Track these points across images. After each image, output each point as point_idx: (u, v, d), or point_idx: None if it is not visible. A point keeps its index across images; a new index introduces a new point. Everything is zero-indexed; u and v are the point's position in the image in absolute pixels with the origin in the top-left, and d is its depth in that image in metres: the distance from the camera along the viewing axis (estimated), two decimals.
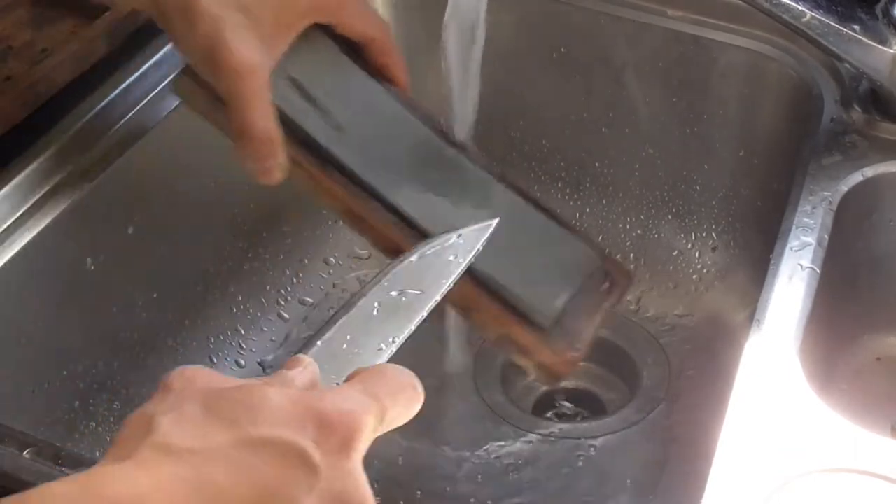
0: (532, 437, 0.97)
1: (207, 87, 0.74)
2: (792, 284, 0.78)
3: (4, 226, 0.82)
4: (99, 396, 0.90)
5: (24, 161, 0.85)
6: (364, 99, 0.77)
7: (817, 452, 0.67)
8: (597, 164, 1.11)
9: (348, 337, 0.55)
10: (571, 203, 1.12)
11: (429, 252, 0.60)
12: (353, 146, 0.75)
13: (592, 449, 0.97)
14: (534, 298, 0.72)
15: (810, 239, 0.81)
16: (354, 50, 0.79)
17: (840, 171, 0.88)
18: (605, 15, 1.05)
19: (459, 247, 0.61)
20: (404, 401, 0.51)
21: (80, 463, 0.68)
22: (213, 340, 1.00)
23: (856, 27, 0.89)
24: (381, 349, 0.56)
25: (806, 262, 0.79)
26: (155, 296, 0.94)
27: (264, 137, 0.71)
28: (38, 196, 0.84)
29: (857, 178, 0.88)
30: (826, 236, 0.82)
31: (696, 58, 1.03)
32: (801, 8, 0.89)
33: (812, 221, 0.83)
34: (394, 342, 0.56)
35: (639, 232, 1.11)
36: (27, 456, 0.68)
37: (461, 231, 0.62)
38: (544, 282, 0.73)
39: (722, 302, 1.07)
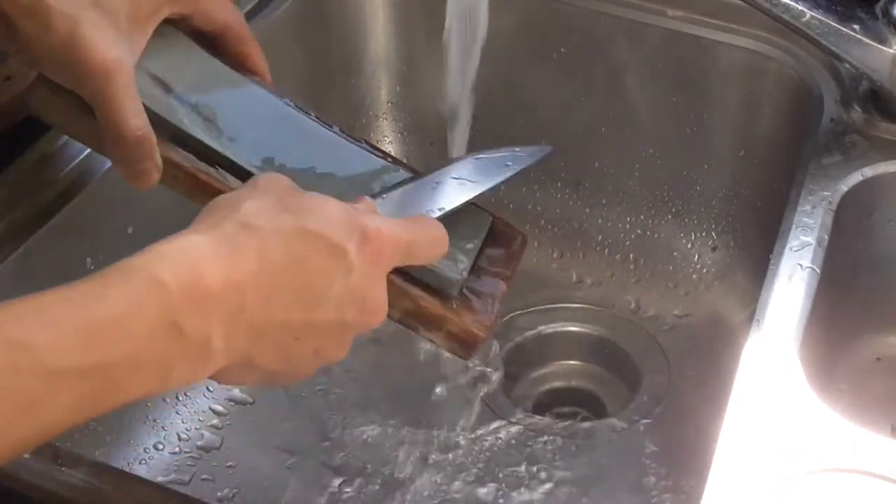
0: (532, 436, 0.97)
1: (64, 95, 0.69)
2: (792, 284, 0.78)
3: (5, 225, 0.82)
4: None
5: (25, 160, 0.85)
6: (228, 89, 0.75)
7: (817, 452, 0.67)
8: (597, 164, 1.11)
9: (405, 200, 0.68)
10: (571, 203, 1.12)
11: (488, 156, 0.75)
12: (225, 137, 0.72)
13: (592, 449, 0.97)
14: (438, 266, 0.69)
15: (810, 239, 0.81)
16: (211, 44, 0.76)
17: (840, 171, 0.88)
18: (605, 15, 1.05)
19: (515, 157, 0.75)
20: (431, 245, 0.64)
21: (80, 463, 0.68)
22: None
23: (856, 27, 0.89)
24: (430, 212, 0.68)
25: (806, 262, 0.79)
26: None
27: (138, 136, 0.68)
28: (38, 195, 0.84)
29: (856, 178, 0.88)
30: (826, 236, 0.82)
31: (696, 58, 1.03)
32: (800, 8, 0.89)
33: (812, 221, 0.83)
34: (441, 210, 0.69)
35: (638, 232, 1.11)
36: (27, 456, 0.68)
37: (517, 148, 0.75)
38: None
39: (722, 302, 1.07)
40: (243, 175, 0.71)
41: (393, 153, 1.16)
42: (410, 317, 0.69)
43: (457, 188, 0.72)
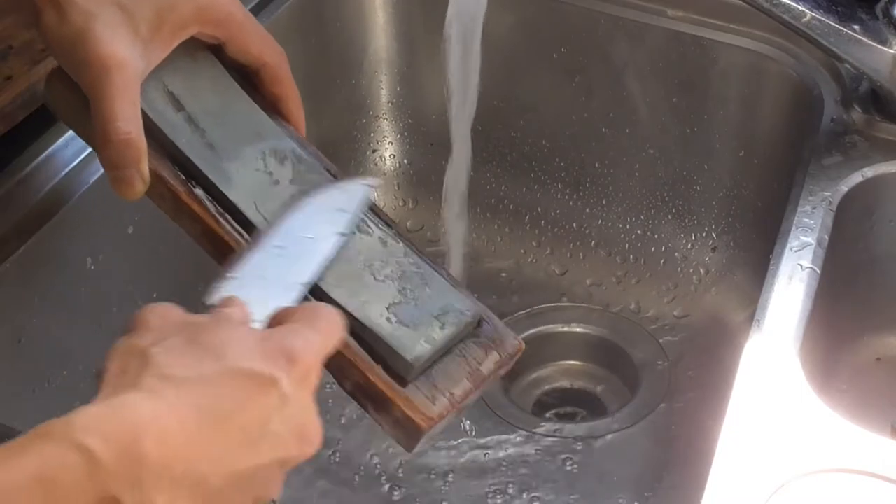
0: (532, 437, 0.97)
1: (75, 90, 0.68)
2: (792, 285, 0.78)
3: (5, 225, 0.82)
4: None
5: (25, 160, 0.85)
6: (243, 124, 0.71)
7: (817, 452, 0.67)
8: (597, 165, 1.11)
9: (260, 275, 0.60)
10: (571, 203, 1.12)
11: (313, 202, 0.66)
12: (223, 167, 0.69)
13: (592, 449, 0.97)
14: (398, 342, 0.63)
15: (810, 239, 0.81)
16: (249, 80, 0.74)
17: (840, 172, 0.88)
18: (605, 15, 1.05)
19: (342, 198, 0.67)
20: (337, 335, 0.58)
21: None
22: None
23: (856, 27, 0.89)
24: (292, 285, 0.61)
25: (806, 263, 0.79)
26: (155, 296, 0.94)
27: (123, 140, 0.66)
28: (38, 195, 0.84)
29: (857, 178, 0.88)
30: (826, 236, 0.82)
31: (696, 58, 1.03)
32: (801, 8, 0.89)
33: (812, 222, 0.83)
34: (304, 284, 0.61)
35: (639, 232, 1.11)
36: None
37: (338, 184, 0.68)
38: (415, 328, 0.65)
39: (722, 302, 1.07)
40: (228, 206, 0.69)
41: (393, 153, 1.16)
42: (359, 391, 0.64)
43: (307, 250, 0.64)
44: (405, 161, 1.16)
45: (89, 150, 0.87)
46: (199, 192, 0.69)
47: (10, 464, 0.46)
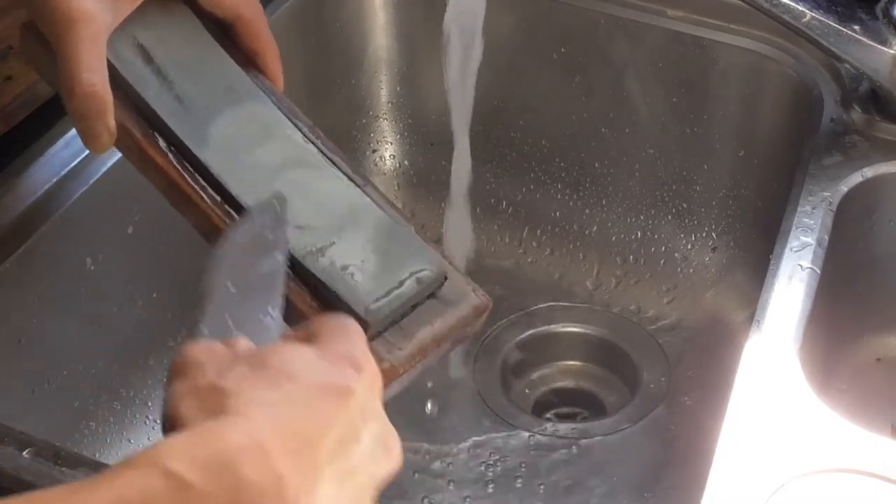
0: (532, 437, 0.97)
1: (47, 44, 0.68)
2: (792, 285, 0.78)
3: (5, 225, 0.82)
4: (99, 396, 0.90)
5: (25, 160, 0.85)
6: (216, 77, 0.71)
7: (817, 452, 0.67)
8: (597, 165, 1.11)
9: (227, 317, 0.56)
10: (571, 203, 1.12)
11: (240, 237, 0.61)
12: (188, 119, 0.69)
13: (592, 449, 0.97)
14: (356, 299, 0.63)
15: (810, 239, 0.81)
16: (227, 37, 0.73)
17: (840, 172, 0.88)
18: (605, 15, 1.05)
19: (264, 225, 0.63)
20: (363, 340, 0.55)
21: (80, 463, 0.68)
22: None
23: (856, 27, 0.89)
24: (266, 317, 0.57)
25: (806, 263, 0.79)
26: (155, 296, 0.94)
27: (90, 92, 0.65)
28: (37, 195, 0.84)
29: (856, 178, 0.88)
30: (826, 237, 0.82)
31: (696, 58, 1.03)
32: (801, 8, 0.89)
33: (812, 222, 0.83)
34: (274, 308, 0.58)
35: (639, 232, 1.11)
36: (27, 456, 0.68)
37: (252, 211, 0.64)
38: (372, 283, 0.64)
39: (722, 302, 1.07)
40: (193, 161, 0.68)
41: (393, 153, 1.16)
42: None
43: (264, 284, 0.59)
44: (405, 161, 1.16)
45: (86, 150, 0.87)
46: (163, 144, 0.69)
47: (93, 492, 0.44)
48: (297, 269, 0.64)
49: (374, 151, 1.16)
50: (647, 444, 0.97)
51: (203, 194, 0.67)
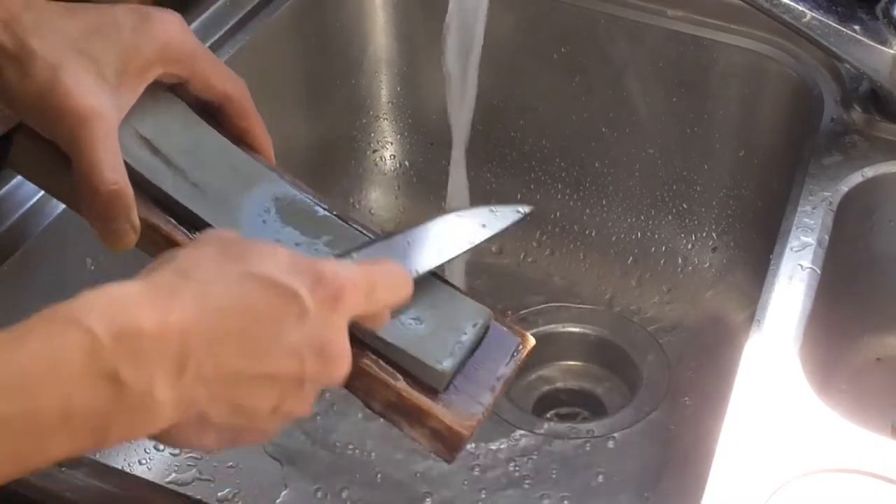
0: (532, 436, 0.97)
1: (44, 147, 0.66)
2: (792, 285, 0.78)
3: (5, 225, 0.82)
4: None
5: None
6: (219, 158, 0.71)
7: (817, 453, 0.67)
8: (597, 165, 1.11)
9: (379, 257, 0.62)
10: (571, 203, 1.12)
11: (463, 216, 0.68)
12: (211, 204, 0.68)
13: (592, 449, 0.97)
14: (424, 356, 0.63)
15: (810, 239, 0.81)
16: (213, 117, 0.73)
17: (840, 172, 0.88)
18: (605, 15, 1.05)
19: (492, 218, 0.69)
20: (393, 284, 0.60)
21: (80, 463, 0.68)
22: None
23: (856, 27, 0.89)
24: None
25: (806, 263, 0.79)
26: None
27: (114, 190, 0.64)
28: (37, 195, 0.84)
29: (857, 178, 0.88)
30: (826, 237, 0.82)
31: (696, 58, 1.03)
32: (801, 8, 0.89)
33: (812, 222, 0.83)
34: (416, 272, 0.64)
35: (639, 232, 1.11)
36: None
37: (495, 207, 0.69)
38: (434, 338, 0.65)
39: (722, 302, 1.07)
40: None
41: (393, 153, 1.16)
42: (392, 409, 0.64)
43: (430, 249, 0.66)
44: (405, 161, 1.16)
45: None
46: (193, 233, 0.68)
47: (15, 346, 0.49)
48: (361, 338, 0.63)
49: (374, 151, 1.16)
50: (647, 444, 0.97)
51: None
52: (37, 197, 0.84)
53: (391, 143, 1.17)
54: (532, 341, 0.70)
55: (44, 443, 0.49)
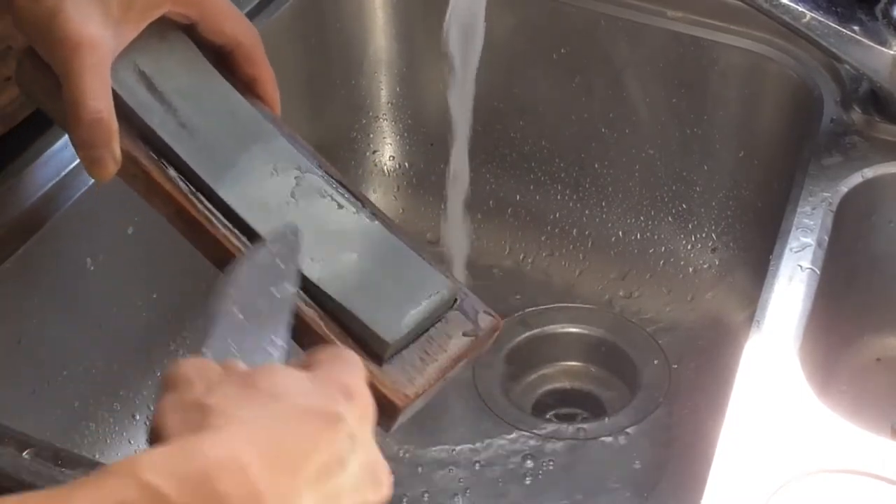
0: (532, 437, 0.97)
1: (47, 72, 0.68)
2: (792, 285, 0.78)
3: (5, 225, 0.82)
4: (99, 397, 0.90)
5: (24, 161, 0.85)
6: (218, 104, 0.71)
7: (817, 453, 0.67)
8: (596, 165, 1.11)
9: (231, 342, 0.56)
10: (571, 204, 1.12)
11: (245, 269, 0.60)
12: (195, 146, 0.69)
13: (592, 450, 0.97)
14: (374, 321, 0.63)
15: (810, 240, 0.81)
16: (223, 61, 0.73)
17: (840, 172, 0.88)
18: (605, 16, 1.05)
19: (279, 250, 0.62)
20: (362, 373, 0.54)
21: (79, 463, 0.68)
22: None
23: (856, 28, 0.89)
24: (271, 344, 0.57)
25: (806, 263, 0.80)
26: (155, 296, 0.94)
27: (96, 118, 0.65)
28: (37, 196, 0.84)
29: (856, 179, 0.88)
30: (826, 237, 0.82)
31: (696, 58, 1.03)
32: (800, 9, 0.89)
33: (812, 222, 0.83)
34: (279, 339, 0.57)
35: (638, 233, 1.11)
36: (27, 456, 0.68)
37: (266, 241, 0.63)
38: (390, 306, 0.64)
39: (722, 303, 1.07)
40: (203, 188, 0.68)
41: (393, 154, 1.16)
42: None
43: (271, 312, 0.59)
44: (405, 162, 1.16)
45: None
46: (171, 172, 0.68)
47: (69, 499, 0.45)
48: (314, 294, 0.64)
49: (374, 152, 1.16)
50: (647, 444, 0.97)
51: (215, 221, 0.67)
52: (36, 196, 0.84)
53: (391, 144, 1.17)
54: (499, 324, 0.68)
55: None
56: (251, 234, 0.67)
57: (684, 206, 1.09)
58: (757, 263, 0.97)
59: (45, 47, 0.68)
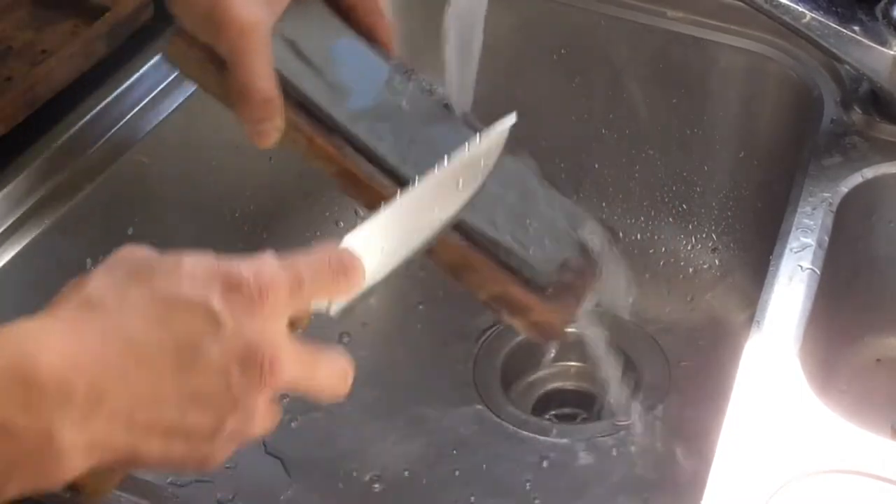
0: (531, 437, 0.97)
1: (201, 50, 0.72)
2: (792, 285, 0.78)
3: (5, 226, 0.82)
4: None
5: (25, 161, 0.85)
6: (355, 60, 0.77)
7: (817, 454, 0.67)
8: (596, 165, 1.11)
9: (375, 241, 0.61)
10: None
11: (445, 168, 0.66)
12: (347, 107, 0.75)
13: (592, 450, 0.96)
14: (533, 258, 0.72)
15: (810, 240, 0.81)
16: (343, 13, 0.79)
17: (840, 173, 0.88)
18: (605, 16, 1.05)
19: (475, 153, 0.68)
20: (325, 276, 0.57)
21: None
22: None
23: (856, 28, 0.89)
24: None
25: (806, 264, 0.79)
26: None
27: (265, 98, 0.70)
28: (38, 196, 0.84)
29: (856, 179, 0.88)
30: (826, 237, 0.82)
31: (696, 59, 1.03)
32: (801, 9, 0.89)
33: (812, 223, 0.83)
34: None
35: (639, 233, 1.11)
36: None
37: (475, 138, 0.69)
38: (542, 242, 0.73)
39: (722, 303, 1.07)
40: (360, 146, 0.74)
41: None
42: (497, 301, 0.71)
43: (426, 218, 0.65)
44: None
45: (88, 151, 0.87)
46: (330, 134, 0.74)
47: None
48: (480, 241, 0.72)
49: None
50: (647, 444, 0.97)
51: (373, 177, 0.74)
52: (36, 197, 0.84)
53: None
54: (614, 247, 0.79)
55: None
56: (407, 182, 0.71)
57: (684, 206, 1.09)
58: (757, 263, 0.97)
59: (205, 30, 0.71)
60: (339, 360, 0.58)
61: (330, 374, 0.57)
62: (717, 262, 1.08)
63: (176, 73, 0.88)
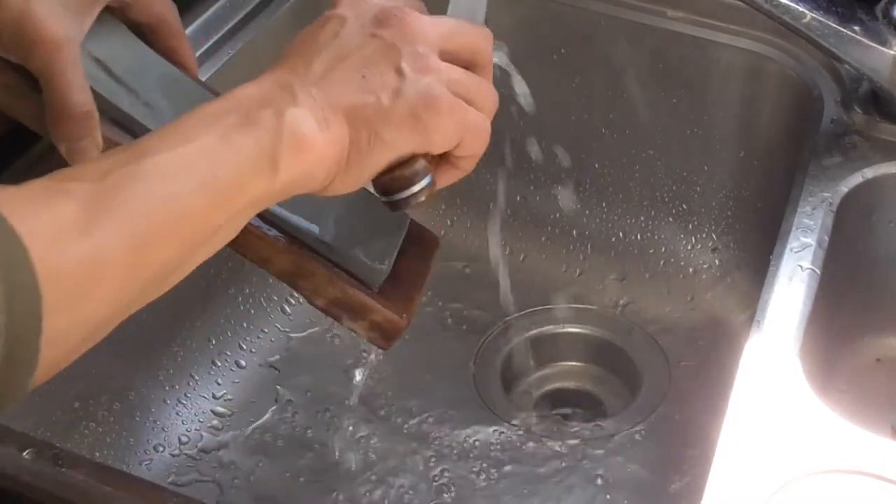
0: (532, 438, 0.97)
1: (9, 72, 0.71)
2: (792, 285, 0.78)
3: None
4: (99, 397, 0.90)
5: (24, 162, 0.85)
6: (163, 78, 0.76)
7: (817, 453, 0.67)
8: (596, 166, 1.11)
9: None
10: (571, 204, 1.12)
11: None
12: (161, 121, 0.72)
13: (592, 450, 0.97)
14: (364, 257, 0.71)
15: (810, 240, 0.81)
16: (142, 35, 0.78)
17: (840, 173, 0.88)
18: (605, 16, 1.05)
19: None
20: (472, 35, 0.71)
21: (79, 463, 0.68)
22: (213, 341, 1.00)
23: (856, 28, 0.89)
24: None
25: (806, 263, 0.80)
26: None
27: (82, 112, 0.69)
28: None
29: (857, 179, 0.88)
30: (826, 237, 0.82)
31: (696, 59, 1.03)
32: (801, 9, 0.89)
33: (812, 222, 0.83)
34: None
35: (639, 233, 1.11)
36: (27, 456, 0.68)
37: None
38: (370, 241, 0.72)
39: (722, 303, 1.07)
40: None
41: None
42: (336, 305, 0.70)
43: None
44: None
45: None
46: None
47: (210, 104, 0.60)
48: (311, 245, 0.71)
49: None
50: (647, 444, 0.97)
51: None
52: None
53: None
54: (439, 240, 0.77)
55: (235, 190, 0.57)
56: None
57: (684, 206, 1.09)
58: (757, 263, 0.97)
59: (15, 49, 0.69)
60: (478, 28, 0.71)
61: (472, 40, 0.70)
62: (717, 262, 1.08)
63: None
